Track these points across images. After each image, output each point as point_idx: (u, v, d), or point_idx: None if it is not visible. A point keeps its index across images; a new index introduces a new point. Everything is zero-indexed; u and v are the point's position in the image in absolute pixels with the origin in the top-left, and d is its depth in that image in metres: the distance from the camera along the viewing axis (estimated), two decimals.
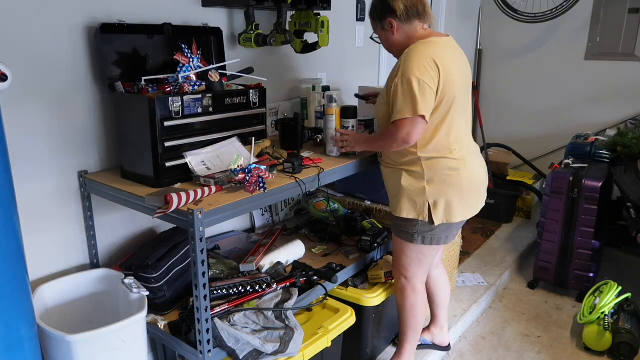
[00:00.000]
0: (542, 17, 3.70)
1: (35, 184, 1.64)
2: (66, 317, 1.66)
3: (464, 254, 3.22)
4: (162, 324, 1.69)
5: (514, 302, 2.90)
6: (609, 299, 2.46)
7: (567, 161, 2.91)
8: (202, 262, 1.44)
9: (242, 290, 1.69)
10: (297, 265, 1.99)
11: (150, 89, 1.67)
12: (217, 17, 2.10)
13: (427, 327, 2.31)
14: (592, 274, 2.81)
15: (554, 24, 3.84)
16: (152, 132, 1.57)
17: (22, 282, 1.16)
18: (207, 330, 1.51)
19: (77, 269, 1.79)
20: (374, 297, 2.04)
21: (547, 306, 2.87)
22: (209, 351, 1.53)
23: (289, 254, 2.06)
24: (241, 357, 1.55)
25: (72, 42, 1.66)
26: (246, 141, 1.82)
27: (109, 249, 1.89)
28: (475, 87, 4.28)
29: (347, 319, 1.90)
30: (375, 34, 1.91)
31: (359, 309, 2.00)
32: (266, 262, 1.95)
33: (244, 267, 1.91)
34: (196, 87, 1.72)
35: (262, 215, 2.49)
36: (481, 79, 4.38)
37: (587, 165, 2.84)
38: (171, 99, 1.58)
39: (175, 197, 1.40)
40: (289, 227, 2.42)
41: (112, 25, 1.69)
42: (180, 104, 1.61)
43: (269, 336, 1.60)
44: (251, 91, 1.85)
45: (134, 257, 1.77)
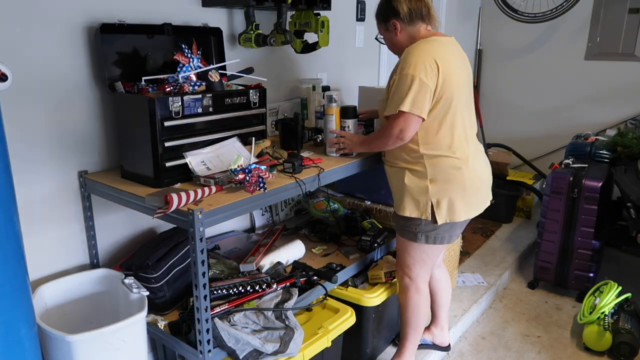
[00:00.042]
0: (542, 17, 3.70)
1: (35, 184, 1.64)
2: (66, 317, 1.66)
3: (464, 254, 3.22)
4: (162, 324, 1.69)
5: (514, 302, 2.90)
6: (609, 299, 2.46)
7: (567, 161, 2.91)
8: (202, 262, 1.44)
9: (242, 290, 1.69)
10: (297, 265, 1.99)
11: (150, 89, 1.67)
12: (217, 17, 2.10)
13: (428, 327, 2.31)
14: (592, 274, 2.81)
15: (554, 24, 3.84)
16: (152, 132, 1.57)
17: (22, 282, 1.16)
18: (207, 330, 1.51)
19: (77, 269, 1.79)
20: (374, 297, 2.04)
21: (547, 306, 2.87)
22: (209, 351, 1.53)
23: (289, 254, 2.06)
24: (241, 357, 1.55)
25: (72, 42, 1.66)
26: (246, 141, 1.82)
27: (109, 249, 1.89)
28: (475, 87, 4.28)
29: (347, 319, 1.90)
30: (379, 34, 1.93)
31: (359, 309, 2.00)
32: (266, 262, 1.95)
33: (244, 267, 1.91)
34: (196, 87, 1.72)
35: (262, 215, 2.49)
36: (481, 79, 4.38)
37: (587, 165, 2.85)
38: (171, 99, 1.58)
39: (175, 197, 1.40)
40: (289, 227, 2.42)
41: (112, 25, 1.69)
42: (180, 104, 1.61)
43: (269, 336, 1.60)
44: (251, 91, 1.85)
45: (134, 257, 1.77)
